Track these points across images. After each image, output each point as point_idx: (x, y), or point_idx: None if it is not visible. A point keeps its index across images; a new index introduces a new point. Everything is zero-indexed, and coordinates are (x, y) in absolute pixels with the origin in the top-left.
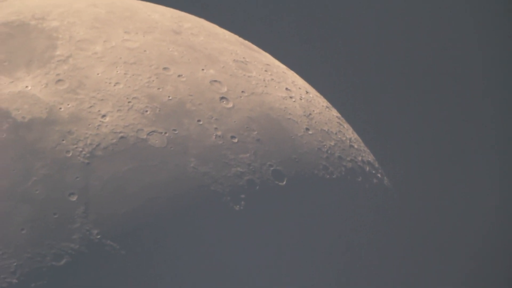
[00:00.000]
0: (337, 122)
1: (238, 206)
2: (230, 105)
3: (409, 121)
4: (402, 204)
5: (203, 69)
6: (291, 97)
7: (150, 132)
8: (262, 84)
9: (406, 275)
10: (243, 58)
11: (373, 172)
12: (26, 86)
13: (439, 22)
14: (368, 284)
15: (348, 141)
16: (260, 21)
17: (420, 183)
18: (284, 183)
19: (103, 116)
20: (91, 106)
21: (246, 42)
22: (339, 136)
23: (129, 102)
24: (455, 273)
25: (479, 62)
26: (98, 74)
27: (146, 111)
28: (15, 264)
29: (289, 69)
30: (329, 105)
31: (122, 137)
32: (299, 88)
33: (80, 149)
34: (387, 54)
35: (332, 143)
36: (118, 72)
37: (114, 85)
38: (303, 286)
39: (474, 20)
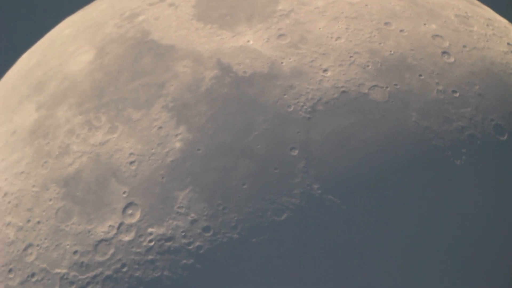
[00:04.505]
0: None
1: (459, 161)
2: (452, 59)
3: None
4: None
5: (425, 24)
6: None
7: (372, 87)
8: (483, 38)
9: None
10: (465, 12)
11: None
12: (248, 41)
13: None
14: None
15: None
16: None
17: None
18: (505, 137)
19: (325, 70)
20: (312, 61)
21: None
22: None
23: (350, 56)
24: None
25: None
26: (319, 28)
27: (368, 65)
28: (236, 218)
29: (511, 24)
30: None
31: (343, 92)
32: None
33: (302, 104)
34: None
35: None
36: (340, 26)
37: (336, 40)
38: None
39: None
